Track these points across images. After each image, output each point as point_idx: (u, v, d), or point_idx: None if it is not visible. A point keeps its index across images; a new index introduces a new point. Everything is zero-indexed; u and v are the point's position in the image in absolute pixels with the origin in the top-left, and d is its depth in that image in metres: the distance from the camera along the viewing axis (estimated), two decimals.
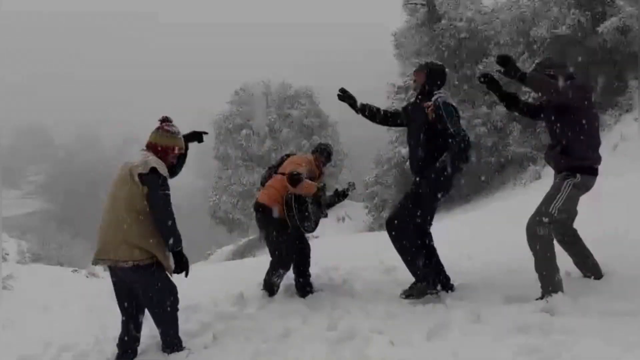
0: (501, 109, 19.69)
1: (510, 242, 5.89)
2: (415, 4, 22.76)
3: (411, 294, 3.79)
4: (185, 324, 3.91)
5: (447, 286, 4.03)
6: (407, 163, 4.17)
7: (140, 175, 3.43)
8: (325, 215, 4.73)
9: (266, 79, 32.45)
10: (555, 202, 3.54)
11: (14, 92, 68.75)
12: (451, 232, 8.57)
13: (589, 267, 3.88)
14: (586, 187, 3.65)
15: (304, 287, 4.58)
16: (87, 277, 9.84)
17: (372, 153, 25.47)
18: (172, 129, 3.73)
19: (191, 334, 3.82)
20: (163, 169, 3.53)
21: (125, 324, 3.75)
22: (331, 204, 4.85)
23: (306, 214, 4.42)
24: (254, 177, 27.41)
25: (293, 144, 29.35)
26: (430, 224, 4.07)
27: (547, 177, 16.41)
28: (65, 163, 63.78)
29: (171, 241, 3.47)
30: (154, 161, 3.50)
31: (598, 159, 3.69)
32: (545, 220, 3.51)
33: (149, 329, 3.81)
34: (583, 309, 3.05)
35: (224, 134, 30.48)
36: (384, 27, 29.91)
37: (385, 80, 24.08)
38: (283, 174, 4.42)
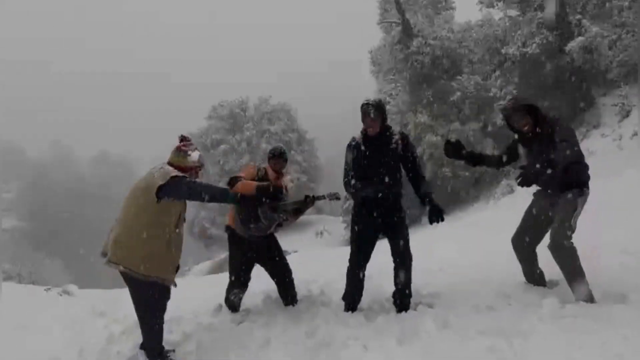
0: (474, 124, 20.22)
1: (480, 255, 6.18)
2: (390, 22, 23.28)
3: None
4: (168, 335, 4.04)
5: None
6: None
7: (159, 187, 3.52)
8: (284, 219, 4.67)
9: (244, 95, 32.68)
10: (575, 218, 3.86)
11: None
12: (426, 245, 8.81)
13: (535, 278, 4.19)
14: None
15: (286, 297, 4.78)
16: (60, 295, 9.77)
17: None
18: (187, 149, 3.83)
19: (174, 344, 3.95)
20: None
21: None
22: (297, 211, 4.72)
23: (253, 214, 4.48)
24: None
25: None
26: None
27: (520, 190, 16.93)
28: (38, 180, 62.64)
29: (227, 201, 3.75)
30: (173, 171, 3.62)
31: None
32: (569, 233, 3.79)
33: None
34: (538, 313, 3.32)
35: (201, 149, 30.52)
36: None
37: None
38: None
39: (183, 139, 3.90)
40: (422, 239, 7.41)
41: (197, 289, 6.60)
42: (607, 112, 17.17)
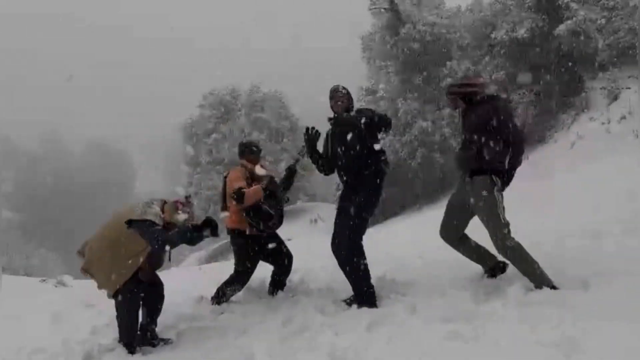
0: None
1: None
2: (380, 8, 23.22)
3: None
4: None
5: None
6: None
7: (130, 219, 3.75)
8: (287, 200, 4.88)
9: (235, 83, 32.55)
10: (501, 213, 3.73)
11: None
12: (409, 232, 8.94)
13: (484, 259, 4.17)
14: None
15: (276, 286, 4.88)
16: (55, 286, 9.83)
17: None
18: (179, 207, 4.04)
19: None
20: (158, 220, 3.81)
21: None
22: (287, 187, 4.90)
23: (262, 214, 4.58)
24: None
25: (264, 148, 29.48)
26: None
27: None
28: (30, 171, 62.42)
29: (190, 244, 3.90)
30: (153, 214, 3.79)
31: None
32: (506, 231, 3.71)
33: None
34: (503, 299, 3.43)
35: (193, 138, 30.45)
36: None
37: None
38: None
39: (186, 198, 4.13)
40: (405, 226, 7.53)
41: (178, 282, 6.69)
42: (596, 95, 17.24)
